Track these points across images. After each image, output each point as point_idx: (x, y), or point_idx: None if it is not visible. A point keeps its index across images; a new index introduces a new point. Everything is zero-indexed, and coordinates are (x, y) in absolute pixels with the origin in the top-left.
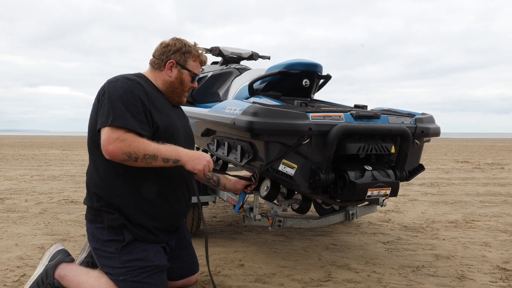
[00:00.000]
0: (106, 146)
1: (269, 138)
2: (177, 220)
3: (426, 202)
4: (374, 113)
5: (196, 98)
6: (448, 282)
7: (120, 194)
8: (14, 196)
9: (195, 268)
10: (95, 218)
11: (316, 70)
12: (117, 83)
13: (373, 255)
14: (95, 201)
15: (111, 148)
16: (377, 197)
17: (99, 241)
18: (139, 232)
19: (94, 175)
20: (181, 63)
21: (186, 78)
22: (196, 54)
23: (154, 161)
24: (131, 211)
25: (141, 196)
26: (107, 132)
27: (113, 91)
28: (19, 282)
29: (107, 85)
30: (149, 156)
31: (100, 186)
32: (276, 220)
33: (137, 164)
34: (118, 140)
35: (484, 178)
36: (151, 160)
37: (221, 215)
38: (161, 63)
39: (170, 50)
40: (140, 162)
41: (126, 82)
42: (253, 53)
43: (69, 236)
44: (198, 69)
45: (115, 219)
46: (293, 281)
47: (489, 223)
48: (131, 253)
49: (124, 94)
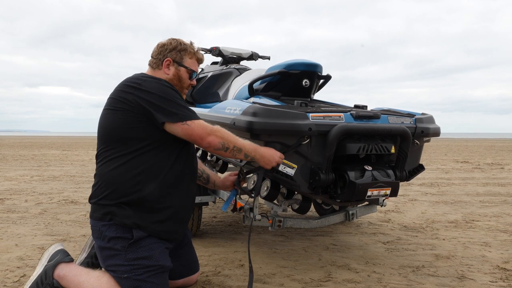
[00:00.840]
0: (206, 137)
1: (269, 138)
2: (185, 218)
3: (426, 202)
4: (374, 113)
5: (196, 98)
6: (448, 282)
7: (140, 189)
8: (14, 197)
9: (196, 268)
10: (103, 216)
11: (316, 70)
12: (152, 83)
13: (373, 255)
14: (107, 199)
15: (211, 139)
16: (377, 197)
17: (106, 239)
18: (152, 226)
19: (112, 171)
20: (177, 61)
21: (184, 75)
22: (192, 51)
23: (238, 154)
24: (148, 205)
25: (160, 192)
26: (197, 126)
27: (158, 91)
28: (19, 282)
29: (143, 85)
30: (237, 148)
31: (118, 182)
32: (276, 220)
33: (225, 154)
34: (214, 131)
35: (484, 178)
36: (236, 153)
37: (221, 215)
38: (159, 62)
39: (167, 49)
40: (228, 152)
41: (157, 81)
42: (253, 53)
43: (69, 237)
44: (195, 66)
45: (128, 216)
46: (293, 281)
47: (489, 223)
48: (137, 251)
49: (171, 93)
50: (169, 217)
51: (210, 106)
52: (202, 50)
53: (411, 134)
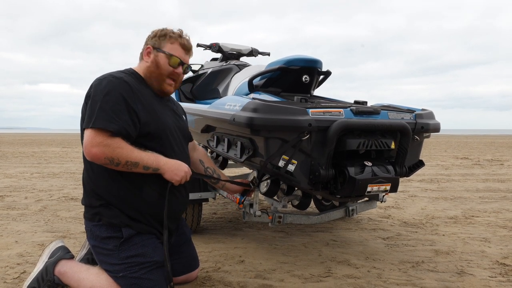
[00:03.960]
0: (89, 148)
1: (269, 134)
2: (174, 218)
3: (426, 198)
4: (374, 109)
5: (195, 94)
6: (448, 278)
7: (117, 195)
8: (14, 194)
9: (195, 264)
10: (93, 217)
11: (316, 66)
12: (103, 82)
13: (373, 251)
14: (94, 199)
15: (94, 151)
16: (377, 193)
17: (98, 239)
18: (139, 225)
19: (91, 174)
20: (156, 46)
21: (162, 60)
22: (173, 36)
23: (135, 168)
24: (129, 210)
25: (139, 196)
26: (91, 134)
27: (99, 91)
28: (20, 279)
29: (94, 84)
30: (131, 163)
31: (98, 185)
32: (276, 216)
33: (118, 168)
34: (102, 144)
35: (483, 174)
36: (132, 167)
37: (221, 211)
38: (142, 52)
39: (149, 37)
40: (121, 167)
41: (111, 81)
42: (253, 50)
43: (69, 233)
44: (178, 51)
45: (115, 216)
46: (293, 277)
47: (488, 218)
48: (129, 249)
49: (108, 95)
50: (153, 221)
51: (210, 102)
52: (202, 46)
53: (411, 130)
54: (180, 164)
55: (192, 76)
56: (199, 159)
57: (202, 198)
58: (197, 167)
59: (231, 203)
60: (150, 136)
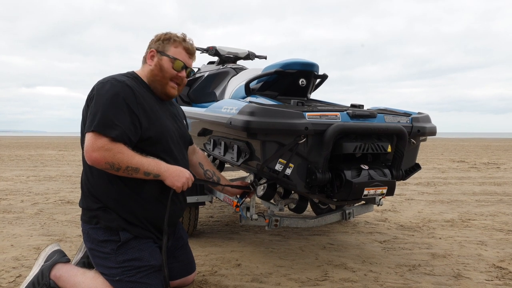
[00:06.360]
0: (90, 152)
1: (265, 138)
2: (172, 223)
3: (423, 201)
4: (371, 112)
5: (192, 97)
6: (445, 281)
7: (115, 198)
8: (10, 197)
9: (192, 268)
10: (90, 219)
11: (312, 70)
12: (105, 86)
13: (370, 254)
14: (92, 202)
15: (95, 156)
16: (374, 196)
17: (95, 242)
18: (136, 229)
19: (90, 177)
20: (160, 50)
21: (166, 64)
22: (177, 40)
23: (136, 173)
24: (127, 214)
25: (137, 201)
26: (92, 138)
27: (101, 95)
28: (15, 283)
29: (96, 87)
30: (131, 168)
31: (97, 188)
32: (273, 219)
33: (118, 173)
34: (103, 148)
35: (480, 178)
36: (133, 172)
37: (218, 215)
38: (145, 56)
39: (152, 41)
40: (121, 172)
41: (114, 84)
42: (250, 53)
43: (65, 237)
44: (181, 55)
45: (113, 219)
46: (290, 281)
47: (485, 222)
48: (126, 253)
49: (110, 99)
50: (150, 225)
51: (206, 105)
52: (199, 50)
53: (407, 133)
54: (182, 170)
55: (189, 79)
56: (198, 162)
57: (199, 201)
58: (196, 170)
59: (228, 206)
60: (151, 140)
